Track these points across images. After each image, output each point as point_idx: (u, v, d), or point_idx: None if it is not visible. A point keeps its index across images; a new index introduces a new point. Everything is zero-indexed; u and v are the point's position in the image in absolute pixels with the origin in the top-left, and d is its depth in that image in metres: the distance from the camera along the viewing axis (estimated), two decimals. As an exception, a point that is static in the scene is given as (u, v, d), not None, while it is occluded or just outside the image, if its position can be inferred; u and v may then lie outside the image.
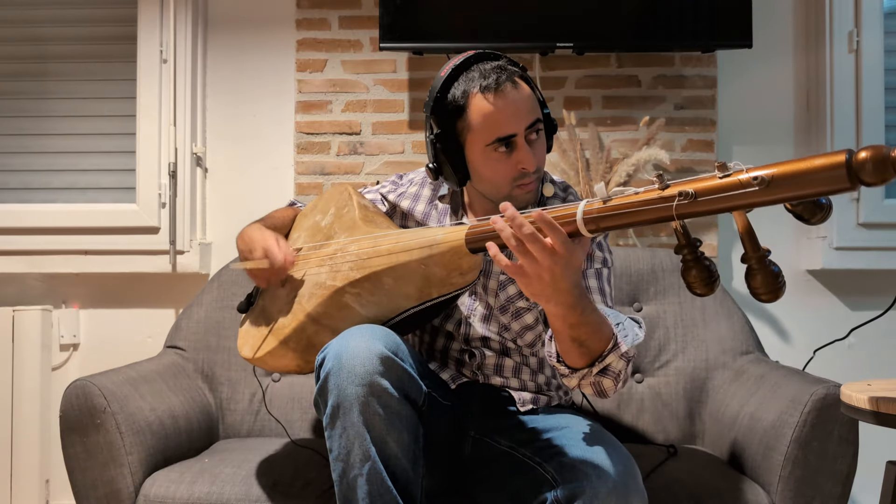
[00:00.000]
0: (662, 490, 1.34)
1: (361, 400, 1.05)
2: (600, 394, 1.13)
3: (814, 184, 0.74)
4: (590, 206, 0.91)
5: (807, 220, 0.79)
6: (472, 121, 1.24)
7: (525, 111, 1.24)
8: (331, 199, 1.41)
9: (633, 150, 2.08)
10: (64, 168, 2.32)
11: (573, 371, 1.11)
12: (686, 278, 0.87)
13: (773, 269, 0.81)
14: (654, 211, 0.85)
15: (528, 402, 1.36)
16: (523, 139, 1.24)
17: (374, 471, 1.06)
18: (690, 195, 0.81)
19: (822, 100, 2.16)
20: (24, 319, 2.14)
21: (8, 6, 2.32)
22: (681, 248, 0.87)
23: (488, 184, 1.29)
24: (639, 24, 2.08)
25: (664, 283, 1.84)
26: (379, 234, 1.23)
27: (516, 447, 1.22)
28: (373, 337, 1.09)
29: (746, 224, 0.81)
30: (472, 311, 1.38)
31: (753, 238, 0.81)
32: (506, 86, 1.22)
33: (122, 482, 1.43)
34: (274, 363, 1.27)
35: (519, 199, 1.28)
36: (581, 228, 0.92)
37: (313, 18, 2.23)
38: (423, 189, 1.46)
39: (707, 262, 0.86)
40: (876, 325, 1.60)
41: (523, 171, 1.25)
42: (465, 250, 1.09)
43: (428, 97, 1.29)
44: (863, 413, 1.15)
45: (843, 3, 2.15)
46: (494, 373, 1.37)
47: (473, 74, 1.25)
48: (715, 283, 0.86)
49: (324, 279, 1.22)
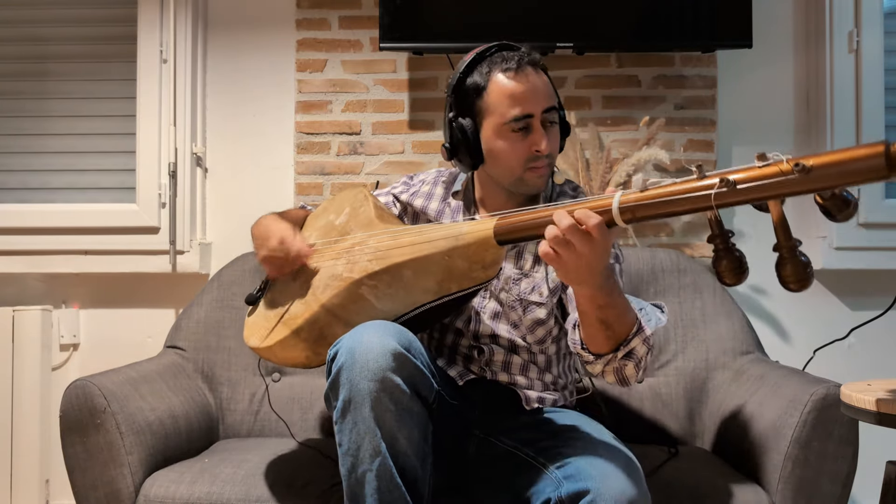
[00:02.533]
0: (662, 490, 1.34)
1: (373, 395, 1.05)
2: (622, 381, 1.15)
3: (853, 174, 0.75)
4: (626, 196, 0.92)
5: (834, 215, 0.79)
6: (490, 100, 1.28)
7: (543, 95, 1.28)
8: (345, 199, 1.42)
9: (633, 150, 2.08)
10: (64, 168, 2.32)
11: (598, 357, 1.13)
12: (717, 268, 0.87)
13: (802, 259, 0.82)
14: (692, 200, 0.85)
15: (534, 401, 1.36)
16: (539, 122, 1.27)
17: (384, 466, 1.06)
18: (730, 183, 0.81)
19: (822, 100, 2.16)
20: (24, 319, 2.14)
21: (8, 6, 2.32)
22: (714, 237, 0.87)
23: (502, 165, 1.30)
24: (639, 24, 2.08)
25: (664, 283, 1.84)
26: (399, 229, 1.23)
27: (520, 447, 1.22)
28: (386, 333, 1.09)
29: (781, 214, 0.81)
30: (482, 307, 1.38)
31: (787, 228, 0.82)
32: (527, 68, 1.27)
33: (122, 482, 1.43)
34: (283, 354, 1.27)
35: (530, 184, 1.30)
36: (616, 218, 0.92)
37: (313, 18, 2.23)
38: (435, 188, 1.47)
39: (738, 253, 0.86)
40: (876, 325, 1.61)
41: (537, 153, 1.27)
42: (492, 242, 1.10)
43: (450, 79, 1.33)
44: (863, 413, 1.15)
45: (843, 3, 2.14)
46: (502, 369, 1.38)
47: (496, 59, 1.30)
48: (744, 274, 0.86)
49: (340, 271, 1.22)
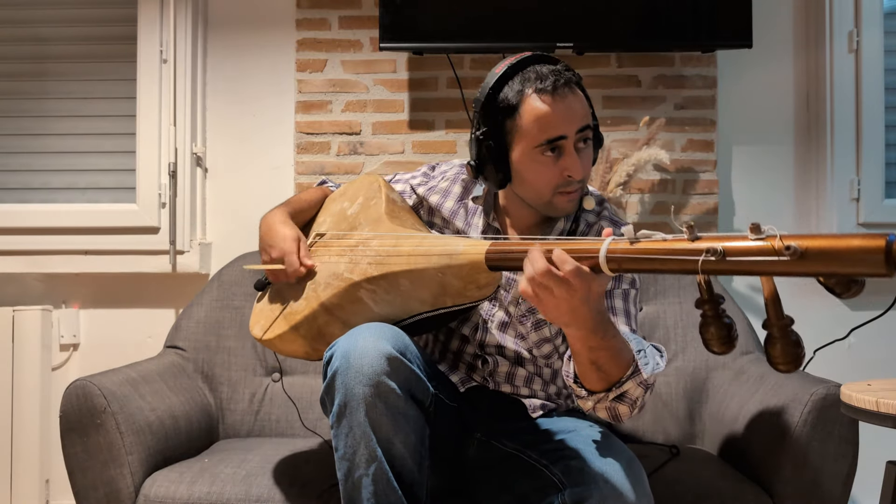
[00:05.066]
0: (664, 490, 1.34)
1: (368, 400, 1.05)
2: (615, 419, 1.11)
3: (848, 264, 0.70)
4: (615, 245, 0.89)
5: (838, 294, 0.75)
6: (523, 121, 1.21)
7: (579, 116, 1.22)
8: (360, 187, 1.39)
9: (633, 150, 2.08)
10: (64, 168, 2.32)
11: (590, 394, 1.08)
12: (703, 334, 0.84)
13: (793, 338, 0.77)
14: (680, 262, 0.81)
15: (538, 409, 1.35)
16: (572, 145, 1.21)
17: (380, 471, 1.06)
18: (719, 253, 0.77)
19: (822, 100, 2.16)
20: (24, 319, 2.14)
21: (8, 6, 2.32)
22: (702, 302, 0.83)
23: (530, 188, 1.25)
24: (639, 24, 2.08)
25: (664, 283, 1.84)
26: (402, 234, 1.22)
27: (522, 449, 1.21)
28: (381, 336, 1.08)
29: (773, 291, 0.77)
30: (490, 316, 1.35)
31: (778, 305, 0.78)
32: (563, 90, 1.20)
33: (122, 482, 1.43)
34: (283, 347, 1.28)
35: (559, 208, 1.26)
36: (603, 266, 0.90)
37: (313, 18, 2.23)
38: (453, 185, 1.43)
39: (727, 321, 0.83)
40: (876, 325, 1.60)
41: (569, 178, 1.22)
42: (484, 267, 1.07)
43: (479, 93, 1.26)
44: (863, 413, 1.15)
45: (843, 3, 2.14)
46: (506, 381, 1.36)
47: (529, 75, 1.22)
48: (733, 343, 0.83)
49: (341, 270, 1.21)
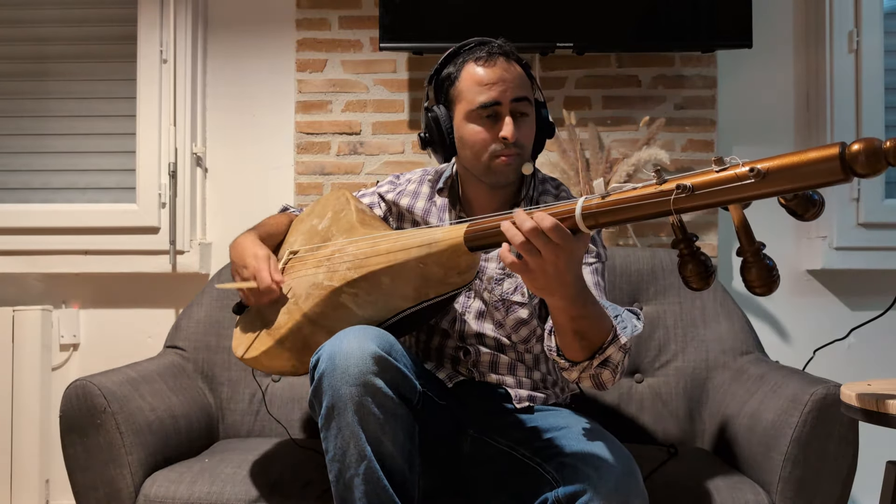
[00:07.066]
0: (662, 490, 1.34)
1: (356, 400, 1.05)
2: (599, 386, 1.14)
3: (809, 176, 0.75)
4: (588, 202, 0.92)
5: (800, 215, 0.80)
6: (461, 87, 1.30)
7: (513, 85, 1.28)
8: (328, 203, 1.42)
9: (633, 150, 2.08)
10: (64, 168, 2.32)
11: (573, 364, 1.12)
12: (682, 272, 0.88)
13: (767, 262, 0.82)
14: (652, 205, 0.86)
15: (525, 400, 1.36)
16: (507, 111, 1.28)
17: (371, 470, 1.06)
18: (688, 189, 0.82)
19: (822, 100, 2.16)
20: (24, 319, 2.14)
21: (8, 6, 2.32)
22: (677, 242, 0.88)
23: (470, 152, 1.31)
24: (639, 24, 2.08)
25: (664, 282, 1.84)
26: (378, 235, 1.23)
27: (516, 446, 1.22)
28: (366, 337, 1.09)
29: (742, 218, 0.82)
30: (466, 308, 1.39)
31: (749, 232, 0.82)
32: (498, 58, 1.29)
33: (122, 482, 1.43)
34: (269, 363, 1.27)
35: (498, 171, 1.31)
36: (580, 224, 0.93)
37: (313, 18, 2.23)
38: (421, 186, 1.47)
39: (703, 257, 0.88)
40: (876, 325, 1.60)
41: (503, 139, 1.27)
42: (465, 249, 1.09)
43: (430, 71, 1.37)
44: (863, 413, 1.15)
45: (843, 3, 2.15)
46: (490, 370, 1.38)
47: (471, 48, 1.33)
48: (711, 278, 0.88)
49: (321, 279, 1.22)
